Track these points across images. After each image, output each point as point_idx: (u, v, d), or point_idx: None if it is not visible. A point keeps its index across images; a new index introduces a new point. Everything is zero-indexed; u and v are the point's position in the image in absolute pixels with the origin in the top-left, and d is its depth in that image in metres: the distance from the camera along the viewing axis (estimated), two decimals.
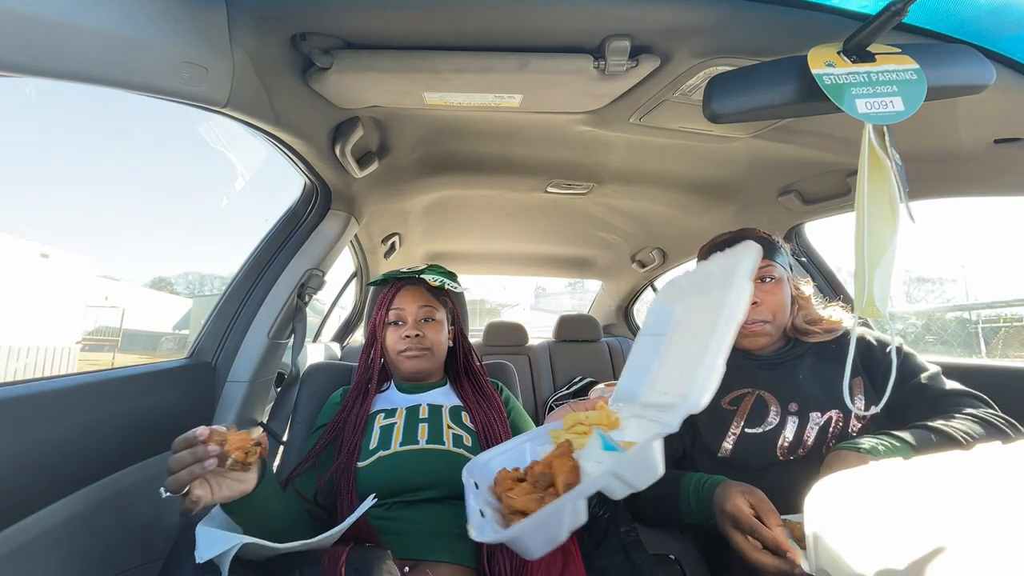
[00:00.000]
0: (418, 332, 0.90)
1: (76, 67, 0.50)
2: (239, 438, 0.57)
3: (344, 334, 2.56)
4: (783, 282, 0.89)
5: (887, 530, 0.46)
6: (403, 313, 0.92)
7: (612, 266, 2.54)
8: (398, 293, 0.94)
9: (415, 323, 0.91)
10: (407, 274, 0.96)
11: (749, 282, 0.54)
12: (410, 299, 0.93)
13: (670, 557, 0.76)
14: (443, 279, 0.95)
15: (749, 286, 0.53)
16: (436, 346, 0.93)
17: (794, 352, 0.91)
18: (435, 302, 0.95)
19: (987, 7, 0.63)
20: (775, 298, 0.87)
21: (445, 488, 0.77)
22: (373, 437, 0.82)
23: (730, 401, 0.86)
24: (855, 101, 0.59)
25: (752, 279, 0.56)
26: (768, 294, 0.87)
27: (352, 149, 0.98)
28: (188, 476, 0.52)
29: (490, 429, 0.85)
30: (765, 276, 0.88)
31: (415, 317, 0.92)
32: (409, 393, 0.93)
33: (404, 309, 0.92)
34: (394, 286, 0.95)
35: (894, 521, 0.46)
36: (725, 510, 0.64)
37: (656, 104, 0.88)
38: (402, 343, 0.90)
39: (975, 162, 0.96)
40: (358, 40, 0.70)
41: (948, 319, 8.99)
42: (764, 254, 0.89)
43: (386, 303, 0.93)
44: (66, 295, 9.76)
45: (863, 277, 0.58)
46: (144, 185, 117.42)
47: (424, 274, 0.95)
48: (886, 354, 0.86)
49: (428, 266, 0.98)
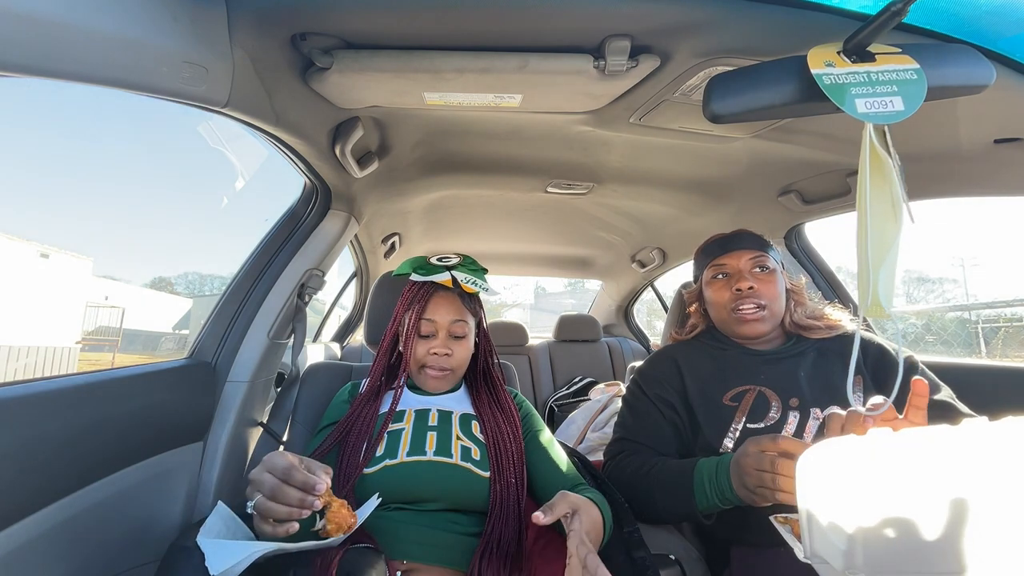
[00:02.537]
0: (448, 351, 0.85)
1: (76, 67, 0.50)
2: (343, 516, 0.57)
3: (344, 334, 2.56)
4: (776, 272, 0.93)
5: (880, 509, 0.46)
6: (434, 326, 0.86)
7: (612, 266, 2.54)
8: (431, 300, 0.87)
9: (445, 340, 0.86)
10: (440, 267, 0.89)
11: None
12: (443, 311, 0.86)
13: (670, 557, 0.76)
14: (477, 281, 0.89)
15: None
16: (460, 366, 0.89)
17: (796, 348, 0.91)
18: (467, 314, 0.89)
19: (987, 7, 0.63)
20: (769, 286, 0.91)
21: (448, 502, 0.76)
22: (380, 443, 0.80)
23: (731, 397, 0.86)
24: (855, 101, 0.59)
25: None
26: (762, 282, 0.91)
27: (352, 149, 0.97)
28: (283, 513, 0.53)
29: (500, 442, 0.82)
30: (758, 265, 0.92)
31: (446, 332, 0.86)
32: (421, 394, 0.90)
33: (436, 322, 0.86)
34: (425, 289, 0.87)
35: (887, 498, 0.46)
36: (748, 450, 0.64)
37: (656, 104, 0.88)
38: (430, 358, 0.86)
39: (975, 162, 0.96)
40: (358, 40, 0.70)
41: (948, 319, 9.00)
42: (757, 247, 0.94)
43: (417, 309, 0.86)
44: (66, 295, 9.76)
45: (867, 277, 0.58)
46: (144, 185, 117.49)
47: (457, 271, 0.88)
48: (890, 356, 0.87)
49: (461, 258, 0.91)
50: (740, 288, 0.90)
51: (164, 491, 0.87)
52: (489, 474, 0.78)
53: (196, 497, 0.94)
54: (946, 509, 0.44)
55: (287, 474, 0.53)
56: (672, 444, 0.89)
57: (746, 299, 0.90)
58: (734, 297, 0.91)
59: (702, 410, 0.87)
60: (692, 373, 0.92)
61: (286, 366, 1.23)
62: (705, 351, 0.97)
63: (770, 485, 0.61)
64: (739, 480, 0.66)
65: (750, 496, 0.65)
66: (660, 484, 0.77)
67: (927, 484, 0.46)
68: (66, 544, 0.66)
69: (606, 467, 0.91)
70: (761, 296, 0.90)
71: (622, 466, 0.86)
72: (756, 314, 0.90)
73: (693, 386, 0.91)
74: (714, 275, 0.96)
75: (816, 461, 0.51)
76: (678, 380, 0.93)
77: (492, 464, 0.79)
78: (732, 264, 0.94)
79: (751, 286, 0.90)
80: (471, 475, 0.77)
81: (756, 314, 0.90)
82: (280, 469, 0.54)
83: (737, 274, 0.93)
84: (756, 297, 0.90)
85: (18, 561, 0.59)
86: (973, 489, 0.45)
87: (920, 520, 0.45)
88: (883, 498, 0.46)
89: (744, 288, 0.90)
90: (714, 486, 0.70)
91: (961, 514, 0.44)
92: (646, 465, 0.82)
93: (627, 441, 0.91)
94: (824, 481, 0.50)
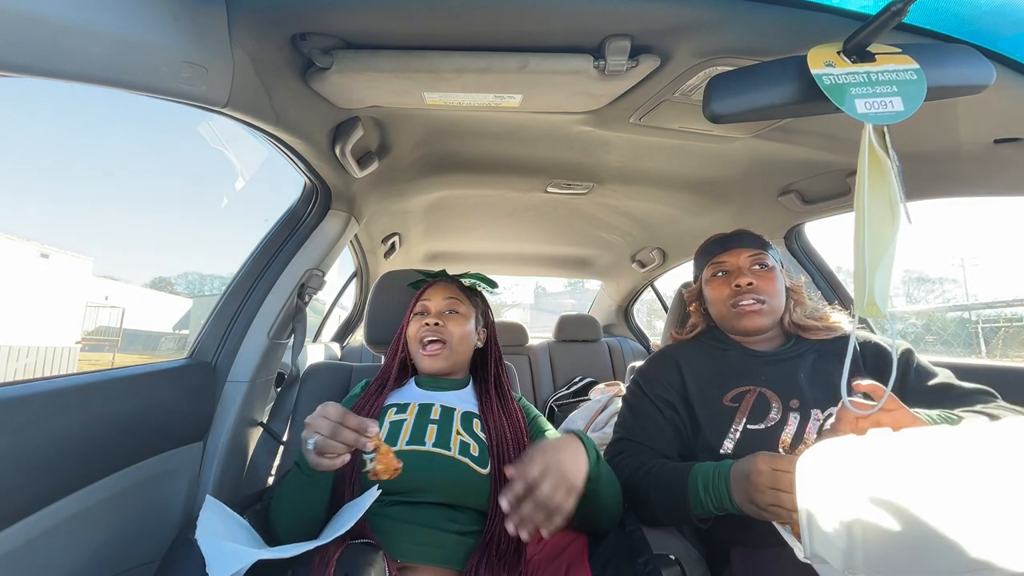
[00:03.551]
0: (438, 322, 0.91)
1: (76, 67, 0.50)
2: (390, 460, 0.62)
3: (344, 334, 2.56)
4: (775, 270, 0.94)
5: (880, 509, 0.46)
6: (428, 304, 0.94)
7: (612, 266, 2.54)
8: (428, 288, 0.97)
9: (437, 314, 0.93)
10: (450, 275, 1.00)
11: None
12: (438, 294, 0.95)
13: (670, 557, 0.76)
14: (475, 280, 0.98)
15: None
16: (454, 339, 0.91)
17: (796, 349, 0.91)
18: (462, 296, 0.96)
19: (987, 7, 0.63)
20: (768, 282, 0.92)
21: (443, 494, 0.76)
22: (382, 431, 0.82)
23: (732, 398, 0.86)
24: (855, 101, 0.59)
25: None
26: (761, 278, 0.92)
27: (352, 149, 0.97)
28: (341, 450, 0.60)
29: (503, 442, 0.83)
30: (757, 263, 0.93)
31: (438, 308, 0.94)
32: (426, 389, 0.92)
33: (430, 301, 0.95)
34: (428, 284, 0.99)
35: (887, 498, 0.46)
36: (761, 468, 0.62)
37: (656, 104, 0.88)
38: (421, 331, 0.92)
39: (975, 162, 0.96)
40: (358, 40, 0.70)
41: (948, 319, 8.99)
42: (756, 245, 0.95)
43: (417, 298, 0.97)
44: (66, 295, 9.76)
45: (863, 277, 0.58)
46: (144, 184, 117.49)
47: (461, 278, 0.99)
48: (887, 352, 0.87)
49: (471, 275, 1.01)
50: (739, 284, 0.91)
51: (164, 491, 0.87)
52: (486, 471, 0.78)
53: (196, 497, 0.94)
54: (946, 509, 0.45)
55: (343, 417, 0.61)
56: (673, 444, 0.89)
57: (745, 294, 0.91)
58: (733, 293, 0.92)
59: (702, 411, 0.87)
60: (692, 373, 0.92)
61: (286, 366, 1.23)
62: (705, 351, 0.97)
63: (788, 505, 0.58)
64: (746, 496, 0.64)
65: (759, 513, 0.63)
66: (656, 487, 0.77)
67: (927, 484, 0.46)
68: (66, 543, 0.66)
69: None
70: (760, 292, 0.90)
71: (621, 467, 0.86)
72: (755, 307, 0.90)
73: (693, 386, 0.91)
74: (713, 273, 0.97)
75: (816, 461, 0.51)
76: (679, 380, 0.93)
77: (493, 463, 0.79)
78: (731, 261, 0.95)
79: (750, 282, 0.91)
80: (468, 470, 0.77)
81: (755, 307, 0.90)
82: (335, 414, 0.61)
83: (736, 271, 0.93)
84: (755, 292, 0.90)
85: (19, 560, 0.59)
86: (972, 489, 0.45)
87: (920, 520, 0.45)
88: (883, 498, 0.46)
89: (743, 284, 0.91)
90: (710, 494, 0.69)
91: (960, 514, 0.44)
92: (644, 466, 0.82)
93: (627, 441, 0.90)
94: (824, 481, 0.50)
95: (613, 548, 0.73)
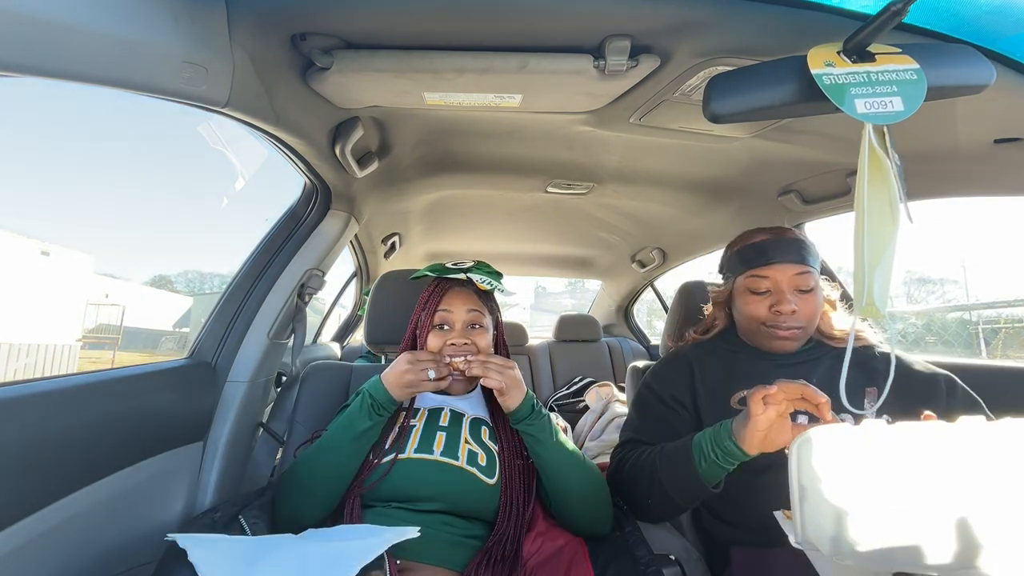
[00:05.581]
0: (466, 340, 0.83)
1: (76, 67, 0.50)
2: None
3: (344, 334, 2.57)
4: (817, 291, 0.87)
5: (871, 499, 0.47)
6: (450, 317, 0.85)
7: (612, 266, 2.54)
8: (445, 295, 0.87)
9: (463, 330, 0.85)
10: (455, 270, 0.88)
11: None
12: (459, 302, 0.86)
13: (670, 557, 0.76)
14: (492, 280, 0.87)
15: None
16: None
17: (812, 354, 0.90)
18: (483, 307, 0.88)
19: (987, 7, 0.63)
20: (810, 307, 0.86)
21: (448, 504, 0.76)
22: (391, 436, 0.80)
23: (740, 401, 0.86)
24: (855, 101, 0.59)
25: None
26: (805, 303, 0.85)
27: (352, 149, 0.97)
28: (443, 371, 0.77)
29: (512, 452, 0.81)
30: (802, 286, 0.86)
31: (463, 322, 0.85)
32: (437, 393, 0.89)
33: (451, 312, 0.85)
34: (441, 286, 0.88)
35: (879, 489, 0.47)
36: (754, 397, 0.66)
37: (656, 104, 0.88)
38: (447, 349, 0.83)
39: (975, 162, 0.96)
40: (358, 40, 0.70)
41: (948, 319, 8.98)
42: (801, 260, 0.86)
43: (432, 304, 0.86)
44: (67, 293, 9.76)
45: (863, 277, 0.58)
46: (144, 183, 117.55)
47: (471, 273, 0.87)
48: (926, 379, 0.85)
49: (475, 263, 0.90)
50: (781, 311, 0.85)
51: (164, 491, 0.87)
52: (493, 481, 0.78)
53: (196, 497, 0.94)
54: (937, 503, 0.45)
55: (423, 358, 0.77)
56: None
57: (785, 320, 0.85)
58: (772, 316, 0.86)
59: (708, 414, 0.87)
60: (704, 377, 0.91)
61: (286, 366, 1.23)
62: (718, 354, 0.95)
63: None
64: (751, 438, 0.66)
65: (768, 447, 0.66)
66: (662, 460, 0.76)
67: (919, 478, 0.46)
68: (66, 544, 0.66)
69: (610, 470, 0.91)
70: (801, 320, 0.85)
71: (622, 467, 0.85)
72: (791, 332, 0.85)
73: (703, 389, 0.90)
74: (752, 288, 0.89)
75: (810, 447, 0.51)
76: (690, 382, 0.92)
77: (503, 472, 0.79)
78: (774, 279, 0.86)
79: (793, 309, 0.84)
80: (475, 480, 0.77)
81: (791, 332, 0.85)
82: (425, 355, 0.78)
83: (778, 292, 0.86)
84: (796, 320, 0.84)
85: (18, 561, 0.59)
86: (964, 485, 0.45)
87: (910, 512, 0.45)
88: (875, 489, 0.47)
89: (785, 311, 0.84)
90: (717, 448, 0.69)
91: (951, 508, 0.45)
92: (644, 454, 0.81)
93: (635, 442, 0.90)
94: (817, 468, 0.50)
95: (613, 549, 0.73)
